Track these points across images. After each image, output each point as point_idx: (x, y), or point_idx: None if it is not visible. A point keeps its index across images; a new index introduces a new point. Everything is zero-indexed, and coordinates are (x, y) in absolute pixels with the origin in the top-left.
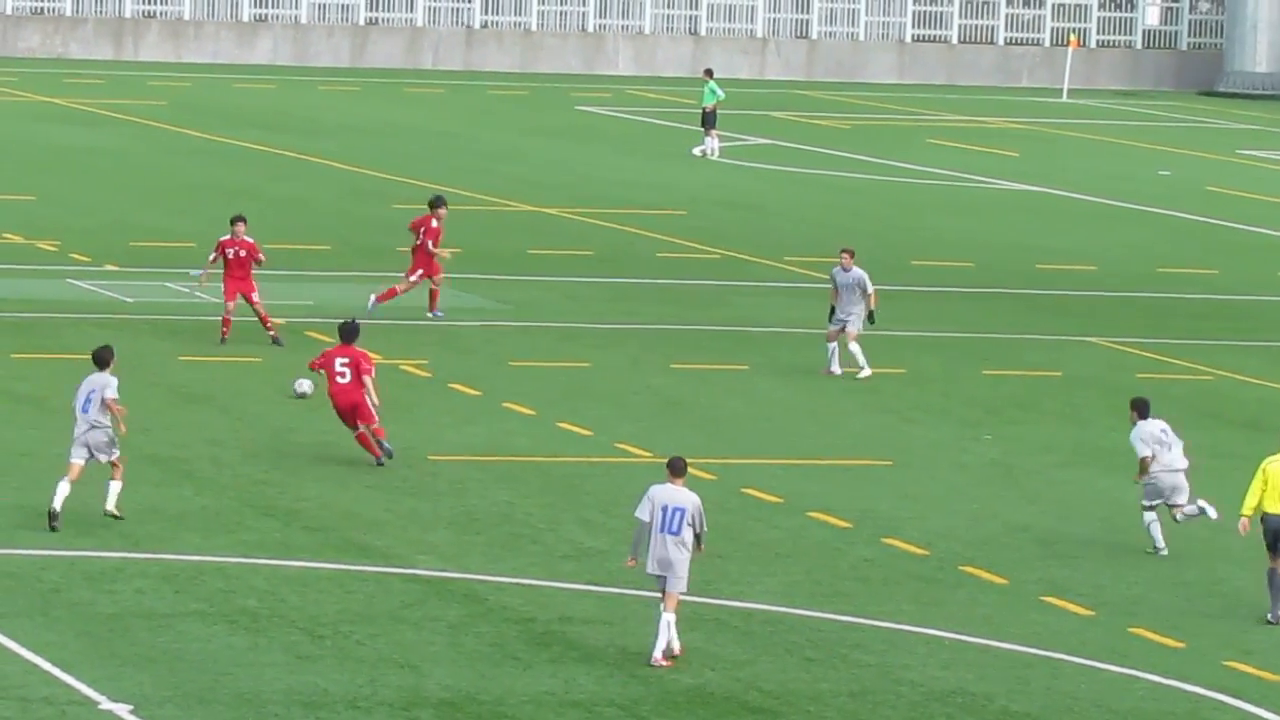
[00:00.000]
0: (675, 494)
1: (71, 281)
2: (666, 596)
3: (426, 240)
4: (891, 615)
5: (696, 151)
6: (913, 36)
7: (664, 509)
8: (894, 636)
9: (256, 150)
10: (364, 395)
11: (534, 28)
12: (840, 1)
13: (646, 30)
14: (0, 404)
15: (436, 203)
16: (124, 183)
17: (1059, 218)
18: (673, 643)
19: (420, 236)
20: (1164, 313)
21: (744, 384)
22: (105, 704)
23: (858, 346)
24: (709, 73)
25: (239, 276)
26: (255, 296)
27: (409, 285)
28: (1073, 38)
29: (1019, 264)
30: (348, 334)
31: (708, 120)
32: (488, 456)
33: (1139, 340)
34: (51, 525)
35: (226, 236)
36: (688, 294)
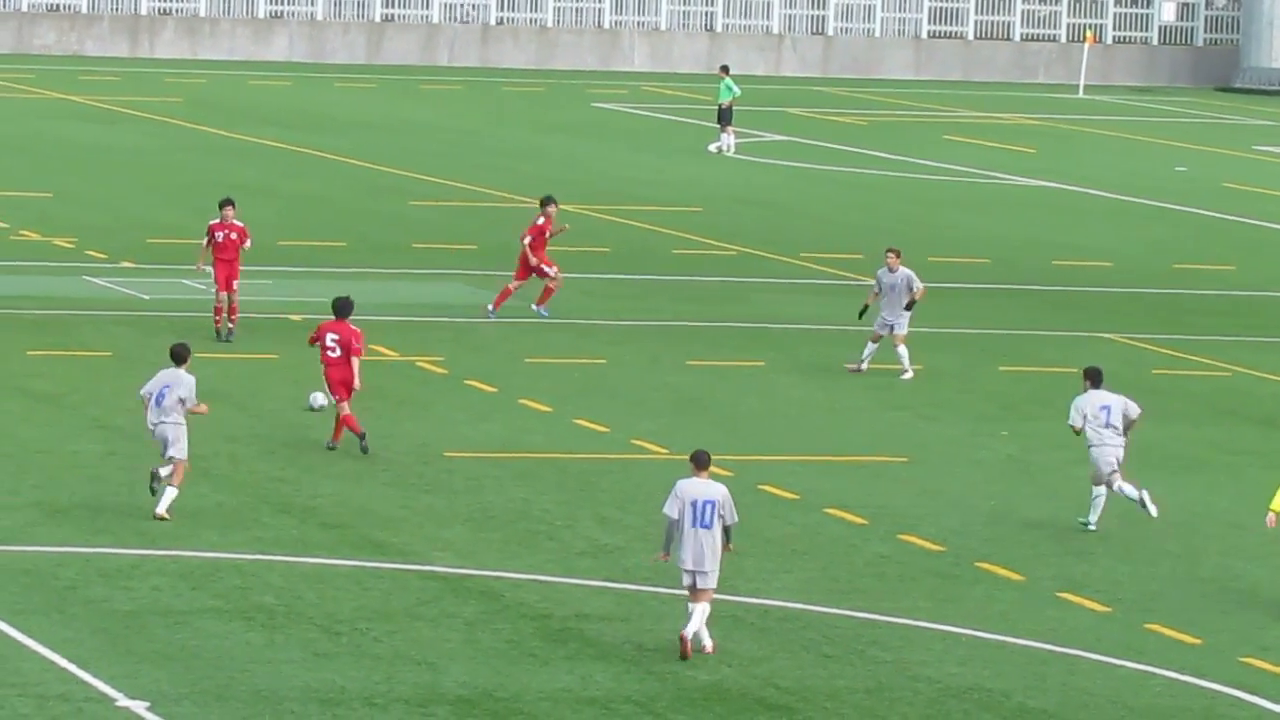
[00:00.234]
0: (704, 487)
1: (88, 278)
2: (699, 592)
3: (531, 236)
4: (908, 612)
5: (713, 148)
6: (929, 33)
7: (693, 503)
8: (910, 633)
9: (272, 147)
10: (353, 374)
11: (550, 24)
12: None
13: (662, 27)
14: (17, 401)
15: (546, 201)
16: (140, 180)
17: (1075, 214)
18: (703, 637)
19: (534, 238)
20: (1180, 309)
21: (761, 381)
22: (122, 701)
23: (905, 350)
24: (725, 69)
25: (227, 260)
26: (235, 284)
27: (558, 282)
28: (1089, 33)
29: (1035, 260)
30: (339, 309)
31: (724, 117)
32: (504, 453)
33: (1155, 336)
34: (152, 487)
35: (215, 220)
36: (704, 290)
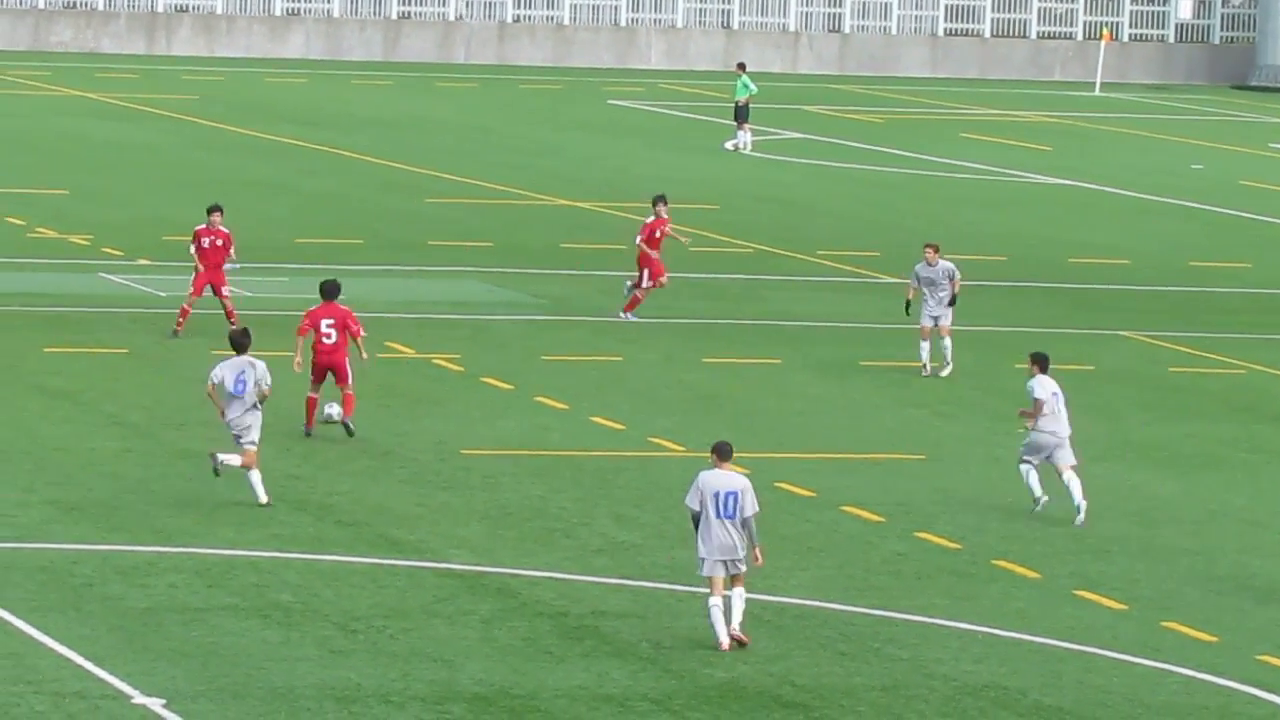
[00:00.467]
0: (726, 478)
1: (104, 276)
2: (734, 578)
3: (648, 236)
4: (924, 609)
5: (729, 146)
6: (945, 30)
7: (716, 495)
8: (926, 631)
9: (289, 144)
10: (344, 358)
11: (566, 21)
12: None
13: (679, 24)
14: (33, 398)
15: (657, 200)
16: (156, 177)
17: (1092, 212)
18: (735, 617)
19: (649, 237)
20: (1197, 307)
21: (777, 378)
22: (138, 698)
23: (949, 342)
24: (741, 67)
25: (212, 265)
26: (225, 290)
27: (645, 293)
28: (1105, 31)
29: (1052, 258)
30: (328, 291)
31: (740, 114)
32: (520, 450)
33: (1172, 334)
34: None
35: (203, 225)
36: (720, 288)
